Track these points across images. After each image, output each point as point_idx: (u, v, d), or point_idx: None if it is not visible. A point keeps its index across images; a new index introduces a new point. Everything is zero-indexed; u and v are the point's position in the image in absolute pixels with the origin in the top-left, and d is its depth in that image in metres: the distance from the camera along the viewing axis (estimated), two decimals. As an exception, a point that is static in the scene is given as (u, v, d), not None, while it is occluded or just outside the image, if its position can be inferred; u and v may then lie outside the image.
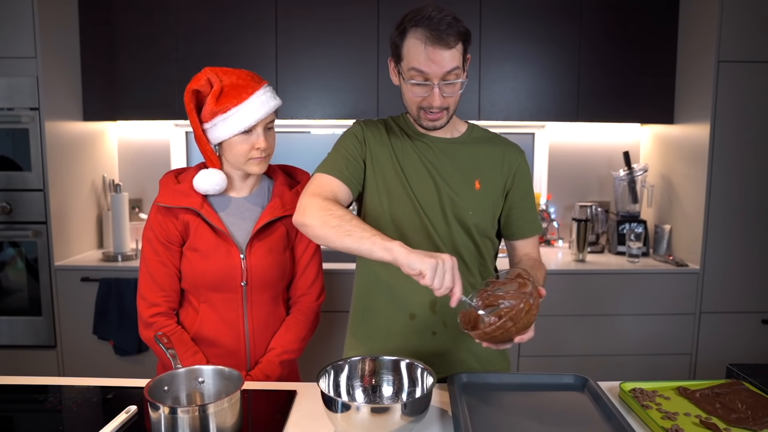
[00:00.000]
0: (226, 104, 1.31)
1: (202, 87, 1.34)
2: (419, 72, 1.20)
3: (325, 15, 2.67)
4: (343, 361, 1.14)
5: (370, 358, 1.16)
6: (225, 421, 0.98)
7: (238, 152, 1.36)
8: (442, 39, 1.16)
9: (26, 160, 2.46)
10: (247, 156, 1.36)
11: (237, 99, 1.31)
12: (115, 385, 1.27)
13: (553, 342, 2.58)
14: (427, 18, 1.17)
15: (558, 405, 1.15)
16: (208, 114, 1.33)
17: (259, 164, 1.38)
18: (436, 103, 1.22)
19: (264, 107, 1.33)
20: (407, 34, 1.20)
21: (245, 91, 1.32)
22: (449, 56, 1.18)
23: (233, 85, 1.33)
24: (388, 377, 1.15)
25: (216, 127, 1.34)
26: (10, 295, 2.52)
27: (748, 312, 2.57)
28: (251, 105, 1.32)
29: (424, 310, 1.32)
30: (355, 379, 1.14)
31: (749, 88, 2.46)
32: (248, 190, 1.46)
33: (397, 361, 1.15)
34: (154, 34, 2.68)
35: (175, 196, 1.38)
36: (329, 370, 1.11)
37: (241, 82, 1.33)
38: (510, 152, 1.37)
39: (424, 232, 1.31)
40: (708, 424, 1.04)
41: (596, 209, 2.89)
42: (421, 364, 1.12)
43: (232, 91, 1.32)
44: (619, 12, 2.69)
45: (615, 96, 2.74)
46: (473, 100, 2.73)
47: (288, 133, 3.14)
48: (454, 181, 1.32)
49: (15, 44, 2.39)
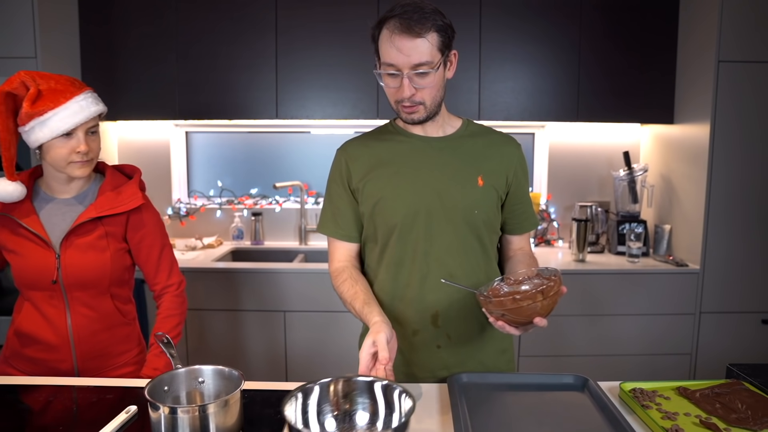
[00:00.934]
0: (43, 107, 1.33)
1: (17, 90, 1.35)
2: (389, 64, 1.18)
3: (325, 15, 2.67)
4: (312, 383, 1.03)
5: (343, 380, 1.05)
6: (225, 421, 0.98)
7: (58, 155, 1.38)
8: (411, 28, 1.14)
9: (26, 160, 2.46)
10: (68, 159, 1.39)
11: (54, 103, 1.34)
12: (115, 385, 1.27)
13: (553, 342, 2.58)
14: (400, 7, 1.16)
15: (558, 405, 1.15)
16: (24, 116, 1.35)
17: (80, 168, 1.41)
18: (406, 94, 1.19)
19: (84, 112, 1.37)
20: (383, 26, 1.19)
21: (63, 95, 1.35)
22: (418, 45, 1.15)
23: (51, 90, 1.35)
24: (363, 401, 1.04)
25: (33, 130, 1.36)
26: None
27: (748, 312, 2.57)
28: (70, 109, 1.35)
29: (426, 325, 1.32)
30: (326, 404, 1.03)
31: (749, 88, 2.46)
32: (75, 191, 1.49)
33: (371, 382, 1.04)
34: (154, 34, 2.68)
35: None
36: (297, 395, 1.00)
37: (60, 87, 1.37)
38: (508, 146, 1.36)
39: (428, 239, 1.29)
40: (708, 424, 1.04)
41: (596, 209, 2.89)
42: (399, 386, 1.01)
43: (49, 95, 1.35)
44: (619, 12, 2.69)
45: (615, 96, 2.75)
46: (473, 100, 2.73)
47: (288, 133, 3.14)
48: (456, 180, 1.29)
49: (15, 44, 2.39)
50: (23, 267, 1.43)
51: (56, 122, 1.34)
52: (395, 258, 1.31)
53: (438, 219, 1.28)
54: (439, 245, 1.29)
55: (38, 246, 1.42)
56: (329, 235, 1.37)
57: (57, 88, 1.36)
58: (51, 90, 1.35)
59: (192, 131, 3.15)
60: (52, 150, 1.37)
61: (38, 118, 1.33)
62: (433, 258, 1.29)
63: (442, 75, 1.23)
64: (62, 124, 1.34)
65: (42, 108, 1.33)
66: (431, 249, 1.29)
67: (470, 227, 1.30)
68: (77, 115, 1.36)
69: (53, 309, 1.44)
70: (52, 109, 1.33)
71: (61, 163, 1.39)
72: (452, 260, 1.30)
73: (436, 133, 1.33)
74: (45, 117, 1.33)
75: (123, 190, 1.48)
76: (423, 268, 1.29)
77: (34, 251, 1.42)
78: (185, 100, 2.70)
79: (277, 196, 3.16)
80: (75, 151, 1.38)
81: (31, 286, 1.44)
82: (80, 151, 1.38)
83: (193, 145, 3.17)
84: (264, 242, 3.06)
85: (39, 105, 1.33)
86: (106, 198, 1.46)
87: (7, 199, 1.40)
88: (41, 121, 1.34)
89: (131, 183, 1.51)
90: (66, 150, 1.37)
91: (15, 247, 1.43)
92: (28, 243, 1.42)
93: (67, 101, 1.35)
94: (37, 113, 1.33)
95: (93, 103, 1.40)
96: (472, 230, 1.30)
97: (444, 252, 1.29)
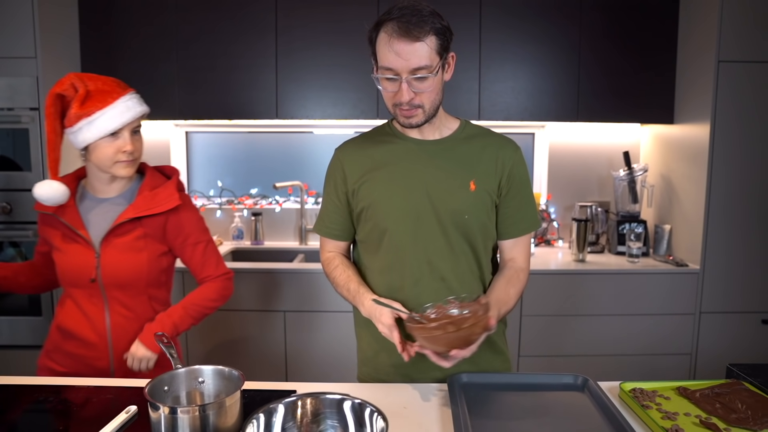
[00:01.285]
0: (91, 108, 1.36)
1: (66, 91, 1.38)
2: (388, 68, 1.17)
3: (325, 15, 2.67)
4: (276, 402, 0.98)
5: (310, 398, 1.00)
6: (225, 421, 0.98)
7: (104, 155, 1.40)
8: (409, 31, 1.12)
9: (26, 160, 2.46)
10: (113, 159, 1.41)
11: (102, 103, 1.37)
12: (115, 385, 1.27)
13: (553, 342, 2.58)
14: (398, 9, 1.14)
15: (558, 405, 1.15)
16: (73, 117, 1.37)
17: (125, 167, 1.44)
18: (404, 98, 1.18)
19: (130, 112, 1.41)
20: (380, 28, 1.18)
21: (110, 95, 1.39)
22: (417, 49, 1.14)
23: (98, 90, 1.38)
24: (332, 422, 0.99)
25: (81, 130, 1.38)
26: (10, 295, 2.52)
27: (748, 312, 2.57)
28: (117, 109, 1.38)
29: None
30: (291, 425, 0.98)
31: (749, 88, 2.46)
32: (116, 191, 1.51)
33: (341, 400, 1.00)
34: (154, 34, 2.68)
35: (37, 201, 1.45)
36: (258, 416, 0.95)
37: (107, 88, 1.40)
38: (504, 149, 1.32)
39: (419, 243, 1.28)
40: (708, 424, 1.04)
41: (596, 209, 2.89)
42: (371, 406, 0.97)
43: (97, 96, 1.37)
44: (619, 12, 2.69)
45: (615, 96, 2.75)
46: (473, 100, 2.73)
47: (288, 133, 3.14)
48: (448, 184, 1.28)
49: (15, 44, 2.39)
50: (65, 264, 1.47)
51: (104, 122, 1.37)
52: (388, 260, 1.31)
53: (429, 223, 1.28)
54: (430, 249, 1.29)
55: (79, 244, 1.45)
56: (318, 233, 1.44)
57: (104, 89, 1.39)
58: (99, 91, 1.38)
59: (192, 131, 3.15)
60: (99, 150, 1.40)
61: (86, 119, 1.36)
62: (425, 261, 1.29)
63: (441, 78, 1.22)
64: (109, 124, 1.38)
65: (91, 108, 1.36)
66: (422, 253, 1.29)
67: (461, 232, 1.29)
68: (124, 114, 1.39)
69: (93, 307, 1.48)
70: (101, 109, 1.37)
71: (106, 163, 1.42)
72: (443, 264, 1.29)
73: (432, 136, 1.32)
74: (93, 117, 1.36)
75: (160, 191, 1.49)
76: (415, 271, 1.29)
77: (76, 249, 1.45)
78: (185, 100, 2.70)
79: (277, 196, 3.16)
80: (121, 151, 1.41)
81: (72, 284, 1.48)
82: (126, 150, 1.41)
83: (193, 145, 3.17)
84: (264, 242, 3.06)
85: (88, 105, 1.36)
86: (144, 198, 1.48)
87: (53, 198, 1.42)
88: (89, 121, 1.37)
89: (169, 183, 1.52)
90: (112, 150, 1.40)
91: (59, 245, 1.47)
92: (70, 241, 1.46)
93: (115, 101, 1.39)
94: (86, 113, 1.36)
95: (138, 103, 1.45)
96: (462, 235, 1.29)
97: (435, 256, 1.29)
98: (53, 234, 1.48)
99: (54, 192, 1.41)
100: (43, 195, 1.41)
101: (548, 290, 2.56)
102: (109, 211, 1.48)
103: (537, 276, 2.54)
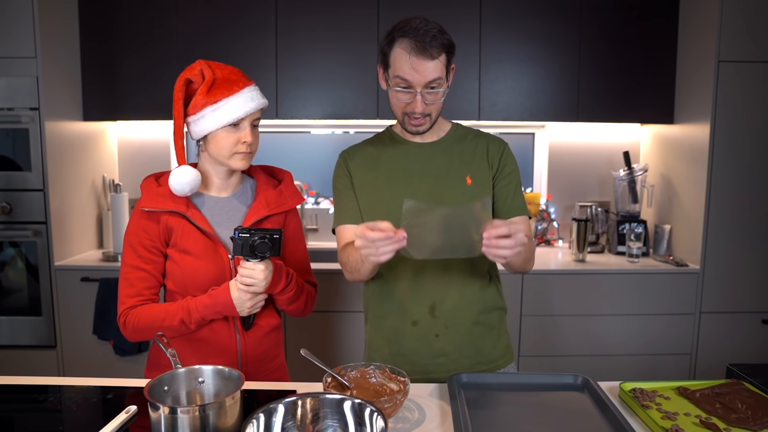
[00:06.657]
0: (218, 96, 1.33)
1: (195, 77, 1.35)
2: (403, 80, 1.27)
3: (325, 15, 2.67)
4: (276, 402, 0.97)
5: (310, 398, 1.00)
6: (225, 421, 0.98)
7: (224, 145, 1.36)
8: (426, 50, 1.23)
9: (26, 160, 2.46)
10: (233, 150, 1.37)
11: (228, 91, 1.34)
12: (115, 385, 1.27)
13: (553, 342, 2.58)
14: (413, 29, 1.24)
15: (558, 405, 1.15)
16: (199, 105, 1.34)
17: (243, 159, 1.39)
18: (418, 109, 1.29)
19: (253, 102, 1.36)
20: (395, 43, 1.27)
21: (236, 84, 1.35)
22: (432, 66, 1.25)
23: (225, 79, 1.35)
24: (332, 422, 0.99)
25: (204, 118, 1.34)
26: (10, 295, 2.52)
27: (748, 312, 2.57)
28: (241, 98, 1.34)
29: (425, 316, 1.37)
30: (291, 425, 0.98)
31: (749, 88, 2.46)
32: (231, 189, 1.47)
33: (341, 400, 0.99)
34: (154, 34, 2.68)
35: (158, 199, 1.38)
36: (258, 416, 0.94)
37: (233, 77, 1.37)
38: (493, 144, 1.42)
39: None
40: (708, 424, 1.04)
41: (596, 209, 2.89)
42: (371, 405, 0.96)
43: (223, 84, 1.34)
44: (618, 12, 2.69)
45: (615, 96, 2.74)
46: (473, 100, 2.73)
47: (288, 133, 3.14)
48: (445, 180, 1.37)
49: (15, 44, 2.39)
50: (199, 269, 1.36)
51: (228, 110, 1.33)
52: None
53: None
54: None
55: (215, 246, 1.37)
56: (338, 225, 1.42)
57: (231, 78, 1.36)
58: (225, 79, 1.35)
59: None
60: (218, 139, 1.35)
61: (211, 106, 1.33)
62: None
63: (446, 88, 1.32)
64: (233, 113, 1.33)
65: (217, 96, 1.33)
66: None
67: None
68: (247, 104, 1.34)
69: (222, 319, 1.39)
70: (227, 97, 1.33)
71: (225, 153, 1.37)
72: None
73: (430, 138, 1.42)
74: (217, 105, 1.32)
75: (284, 189, 1.47)
76: (418, 263, 1.33)
77: (211, 252, 1.37)
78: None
79: (277, 196, 3.16)
80: (241, 142, 1.36)
81: (207, 288, 1.36)
82: (246, 141, 1.36)
83: (194, 145, 3.17)
84: (264, 242, 3.05)
85: (214, 93, 1.33)
86: (271, 195, 1.45)
87: (189, 185, 1.35)
88: (213, 108, 1.33)
89: (289, 182, 1.51)
90: (232, 140, 1.35)
91: (190, 248, 1.36)
92: (203, 243, 1.37)
93: (240, 90, 1.35)
94: (211, 101, 1.33)
95: (260, 95, 1.39)
96: None
97: None
98: (177, 235, 1.36)
99: (192, 175, 1.35)
100: (183, 179, 1.34)
101: (548, 290, 2.56)
102: (230, 210, 1.43)
103: (537, 276, 2.54)
